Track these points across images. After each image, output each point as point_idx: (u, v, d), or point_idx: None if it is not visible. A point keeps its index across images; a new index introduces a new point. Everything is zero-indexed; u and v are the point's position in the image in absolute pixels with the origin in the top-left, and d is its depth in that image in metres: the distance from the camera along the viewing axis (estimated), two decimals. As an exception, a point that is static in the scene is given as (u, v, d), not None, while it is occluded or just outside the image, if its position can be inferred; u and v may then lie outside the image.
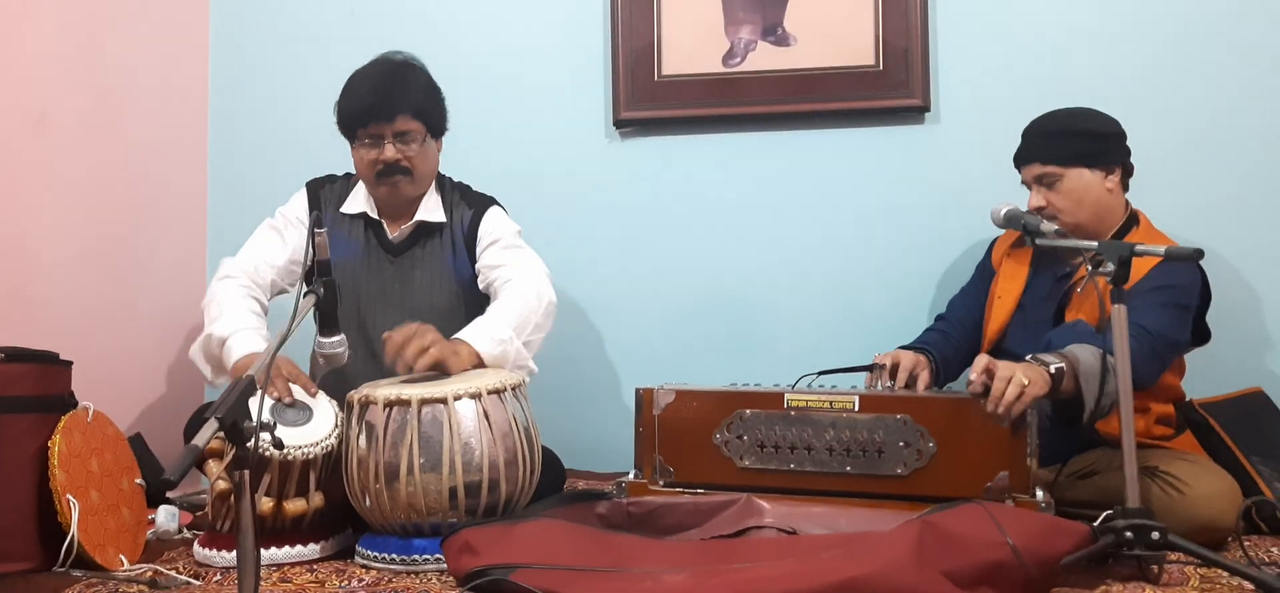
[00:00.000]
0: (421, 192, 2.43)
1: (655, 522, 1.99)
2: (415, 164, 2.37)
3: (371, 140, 2.35)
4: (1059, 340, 2.04)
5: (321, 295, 1.88)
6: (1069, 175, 2.24)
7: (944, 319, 2.53)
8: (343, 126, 2.39)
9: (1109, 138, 2.28)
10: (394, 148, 2.34)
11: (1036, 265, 2.35)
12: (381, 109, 2.32)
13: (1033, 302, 2.32)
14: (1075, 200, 2.23)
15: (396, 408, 1.96)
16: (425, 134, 2.39)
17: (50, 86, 2.56)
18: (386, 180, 2.36)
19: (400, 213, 2.45)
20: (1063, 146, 2.25)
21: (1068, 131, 2.27)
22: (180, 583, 1.83)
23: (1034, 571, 1.62)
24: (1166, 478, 2.01)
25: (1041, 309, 2.29)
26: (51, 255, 2.55)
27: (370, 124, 2.33)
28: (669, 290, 2.94)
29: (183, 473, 1.29)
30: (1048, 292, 2.30)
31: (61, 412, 2.03)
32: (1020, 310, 2.33)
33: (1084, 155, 2.24)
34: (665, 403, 2.09)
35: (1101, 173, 2.26)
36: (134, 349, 2.83)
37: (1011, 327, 2.32)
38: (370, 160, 2.35)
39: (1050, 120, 2.31)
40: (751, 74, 2.88)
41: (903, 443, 1.96)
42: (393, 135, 2.34)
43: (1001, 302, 2.35)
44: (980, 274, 2.53)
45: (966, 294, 2.55)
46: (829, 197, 2.86)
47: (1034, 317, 2.29)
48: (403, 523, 1.96)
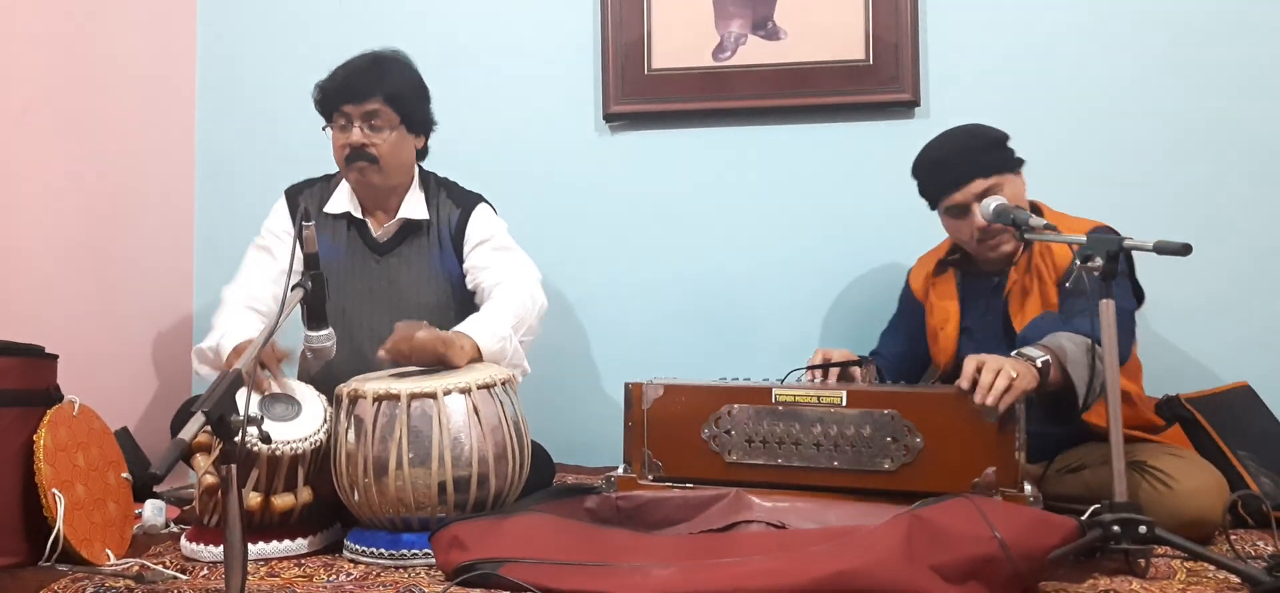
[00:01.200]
0: (391, 183, 2.40)
1: (644, 516, 1.98)
2: (383, 154, 2.33)
3: (344, 122, 2.33)
4: (1034, 335, 2.05)
5: (309, 289, 1.87)
6: (1006, 183, 2.23)
7: (877, 355, 2.53)
8: (321, 108, 2.38)
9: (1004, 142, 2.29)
10: (361, 132, 2.31)
11: (964, 286, 2.36)
12: (352, 90, 2.31)
13: (975, 321, 2.33)
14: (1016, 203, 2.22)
15: (385, 402, 1.95)
16: (398, 124, 2.35)
17: (34, 77, 2.54)
18: (354, 165, 2.34)
19: (380, 207, 2.44)
20: (998, 157, 2.25)
21: (994, 142, 2.27)
22: (167, 578, 1.82)
23: (1022, 565, 1.62)
24: (1154, 473, 2.02)
25: (986, 324, 2.30)
26: (37, 248, 2.54)
27: (342, 104, 2.32)
28: (658, 284, 2.94)
29: (169, 467, 1.28)
30: (986, 305, 2.31)
31: (47, 406, 2.02)
32: (964, 334, 2.33)
33: (1012, 162, 2.27)
34: (654, 398, 2.09)
35: (1021, 177, 2.28)
36: (120, 343, 2.81)
37: (961, 350, 2.30)
38: (340, 144, 2.34)
39: (970, 139, 2.28)
40: (741, 68, 2.88)
41: (890, 438, 1.96)
42: (361, 118, 2.32)
43: (944, 331, 2.35)
44: (905, 308, 2.53)
45: (896, 329, 2.55)
46: (819, 191, 2.87)
47: (981, 334, 2.30)
48: (391, 518, 1.95)
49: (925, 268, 2.46)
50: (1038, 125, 2.71)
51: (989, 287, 2.32)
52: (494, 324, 2.20)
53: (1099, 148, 2.71)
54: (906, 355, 2.49)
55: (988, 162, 2.25)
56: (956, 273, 2.39)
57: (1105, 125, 2.72)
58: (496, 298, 2.30)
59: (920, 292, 2.45)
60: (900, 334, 2.53)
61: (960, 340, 2.34)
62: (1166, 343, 2.66)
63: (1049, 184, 2.59)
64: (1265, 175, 2.64)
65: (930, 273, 2.43)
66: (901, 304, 2.57)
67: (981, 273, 2.34)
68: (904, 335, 2.51)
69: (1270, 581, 1.58)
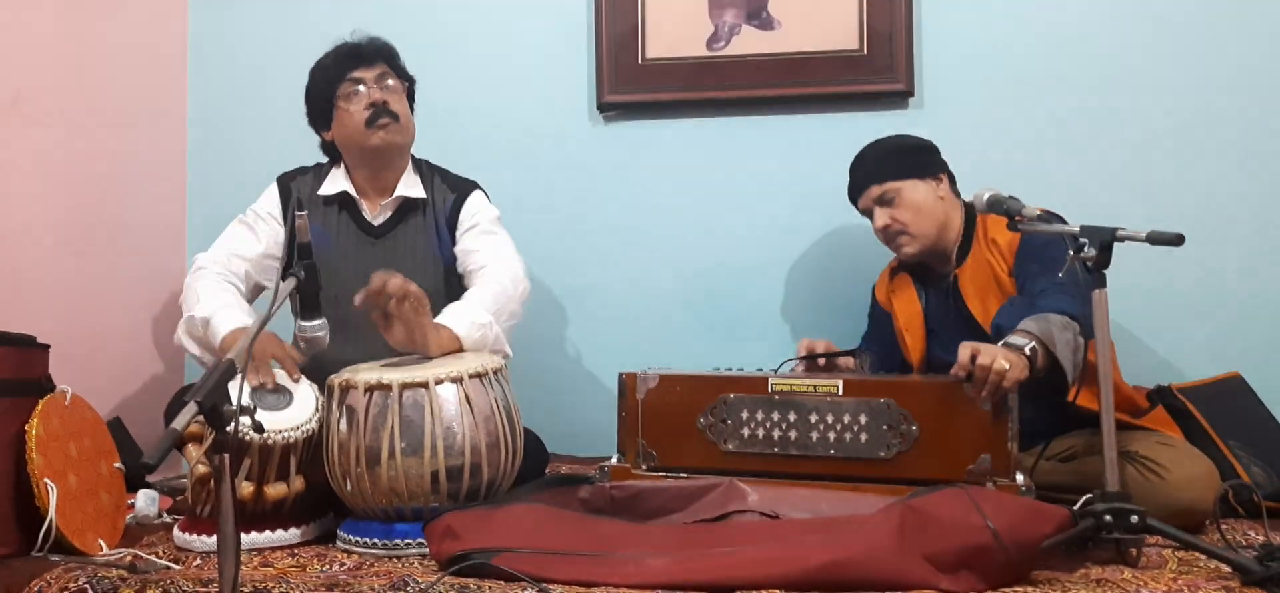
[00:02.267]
0: (404, 145, 2.42)
1: (638, 506, 1.99)
2: (401, 112, 2.38)
3: (352, 89, 2.36)
4: (1008, 321, 2.05)
5: (302, 278, 1.86)
6: (905, 188, 2.34)
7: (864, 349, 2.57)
8: (321, 92, 2.38)
9: (927, 149, 2.41)
10: (380, 90, 2.36)
11: (921, 286, 2.43)
12: (361, 55, 2.37)
13: (937, 319, 2.37)
14: (915, 210, 2.33)
15: (377, 393, 1.95)
16: (403, 90, 2.42)
17: (25, 65, 2.53)
18: (379, 124, 2.34)
19: (380, 186, 2.43)
20: (892, 163, 2.37)
21: (893, 150, 2.40)
22: (159, 568, 1.82)
23: (1014, 554, 1.62)
24: (1145, 462, 2.03)
25: (948, 321, 2.34)
26: (29, 237, 2.53)
27: (352, 70, 2.35)
28: (652, 275, 2.93)
29: (161, 457, 1.28)
30: (943, 302, 2.36)
31: (39, 395, 2.01)
32: (930, 334, 2.38)
33: (912, 167, 2.36)
34: (648, 388, 2.09)
35: (932, 181, 2.36)
36: (112, 332, 2.80)
37: (930, 351, 2.37)
38: (359, 109, 2.34)
39: (871, 148, 2.43)
40: (736, 58, 2.87)
41: (886, 427, 1.96)
42: (375, 79, 2.37)
43: (910, 333, 2.41)
44: (874, 321, 2.60)
45: (870, 340, 2.60)
46: (813, 181, 2.86)
47: (945, 332, 2.33)
48: (384, 508, 1.95)
49: (884, 277, 2.55)
50: (1032, 115, 2.71)
51: (944, 285, 2.37)
52: (474, 313, 2.20)
53: (1092, 137, 2.71)
54: (881, 363, 2.52)
55: (884, 168, 2.37)
56: (912, 276, 2.45)
57: (1099, 115, 2.71)
58: (479, 284, 2.30)
59: (884, 300, 2.52)
60: (875, 344, 2.57)
61: (928, 340, 2.38)
62: (1158, 333, 2.66)
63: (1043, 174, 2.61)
64: (1259, 166, 2.64)
65: (888, 280, 2.51)
66: (870, 321, 2.62)
67: (933, 271, 2.41)
68: (879, 344, 2.55)
69: (1261, 570, 1.59)
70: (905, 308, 2.43)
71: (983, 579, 1.61)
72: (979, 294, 2.27)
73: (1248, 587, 1.60)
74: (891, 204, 2.35)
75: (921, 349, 2.39)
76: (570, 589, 1.59)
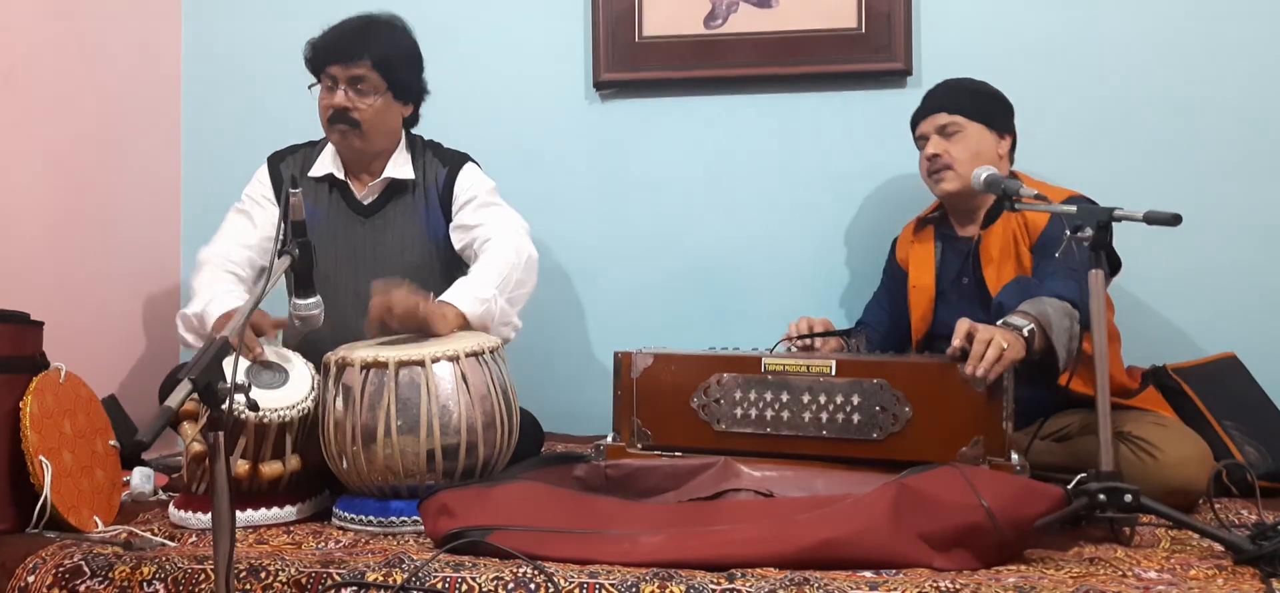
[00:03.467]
0: (374, 149, 2.38)
1: (633, 485, 1.99)
2: (366, 119, 2.31)
3: (330, 83, 2.32)
4: (1010, 301, 2.05)
5: (296, 257, 1.85)
6: (971, 129, 2.31)
7: (862, 325, 2.56)
8: (311, 71, 2.36)
9: (1007, 109, 2.38)
10: (345, 95, 2.29)
11: (941, 248, 2.41)
12: (340, 51, 2.30)
13: (949, 283, 2.36)
14: (971, 153, 2.29)
15: (373, 370, 1.95)
16: (385, 91, 2.33)
17: (18, 41, 2.51)
18: (335, 127, 2.32)
19: (365, 169, 2.42)
20: (969, 101, 2.34)
21: (975, 89, 2.36)
22: (155, 545, 1.82)
23: (1008, 533, 1.63)
24: (1139, 442, 2.03)
25: (959, 287, 2.33)
26: (22, 214, 2.52)
27: (329, 65, 2.30)
28: (648, 253, 2.93)
29: (156, 434, 1.28)
30: (959, 268, 2.34)
31: (33, 372, 2.00)
32: (939, 296, 2.37)
33: (987, 114, 2.33)
34: (643, 366, 2.09)
35: (996, 136, 2.34)
36: (107, 309, 2.80)
37: (936, 313, 2.35)
38: (324, 106, 2.33)
39: (957, 80, 2.40)
40: (733, 36, 2.86)
41: (879, 407, 1.96)
42: (347, 81, 2.30)
43: (919, 291, 2.39)
44: (889, 277, 2.57)
45: (880, 299, 2.59)
46: (811, 160, 2.86)
47: (954, 297, 2.33)
48: (380, 486, 1.95)
49: (908, 230, 2.51)
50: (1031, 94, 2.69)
51: (964, 250, 2.34)
52: (477, 288, 2.19)
53: (1091, 117, 2.71)
54: (890, 328, 2.51)
55: (960, 101, 2.33)
56: (935, 233, 2.42)
57: (1098, 95, 2.71)
58: (482, 258, 2.29)
59: (902, 256, 2.50)
60: (884, 305, 2.56)
61: (936, 304, 2.36)
62: (1154, 313, 2.67)
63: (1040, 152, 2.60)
64: (1255, 147, 2.64)
65: (911, 233, 2.48)
66: (885, 274, 2.59)
67: (958, 236, 2.38)
68: (888, 306, 2.54)
69: (1253, 549, 1.60)
70: (920, 264, 2.41)
71: (977, 558, 1.61)
72: (996, 262, 2.25)
73: (1240, 566, 1.60)
74: (950, 137, 2.31)
75: (926, 308, 2.37)
76: (565, 567, 1.60)
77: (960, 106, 2.32)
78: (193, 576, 1.65)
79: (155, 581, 1.65)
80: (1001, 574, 1.57)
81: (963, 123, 2.31)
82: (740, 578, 1.54)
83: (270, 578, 1.62)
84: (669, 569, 1.57)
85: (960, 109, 2.32)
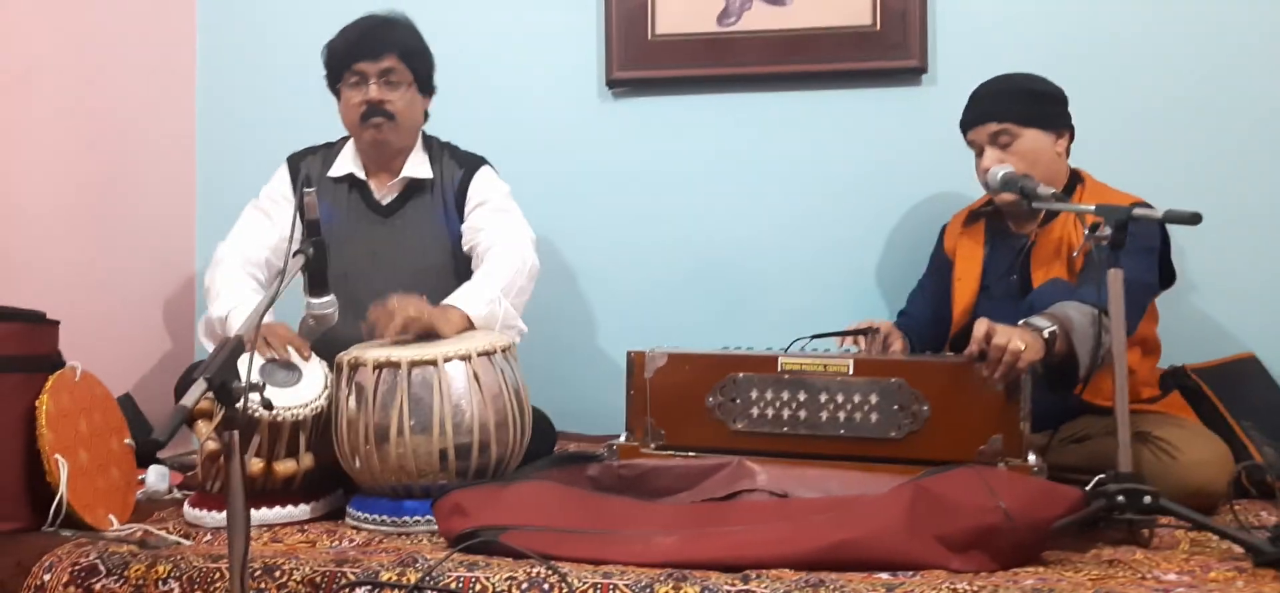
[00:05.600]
0: (405, 143, 2.41)
1: (646, 485, 1.98)
2: (399, 110, 2.35)
3: (357, 80, 2.33)
4: (1041, 301, 2.03)
5: (310, 256, 1.86)
6: (1026, 136, 2.23)
7: (905, 314, 2.53)
8: (331, 72, 2.37)
9: (1060, 102, 2.29)
10: (378, 88, 2.32)
11: (991, 241, 2.35)
12: (368, 46, 2.32)
13: (995, 278, 2.32)
14: (1030, 161, 2.22)
15: (386, 370, 1.94)
16: (412, 83, 2.38)
17: (34, 41, 2.52)
18: (370, 123, 2.33)
19: (384, 169, 2.42)
20: (1020, 106, 2.24)
21: (1024, 92, 2.27)
22: (170, 543, 1.83)
23: (1026, 535, 1.61)
24: (1158, 443, 2.01)
25: (1005, 284, 2.29)
26: (38, 213, 2.53)
27: (357, 61, 2.32)
28: (662, 253, 2.92)
29: (171, 433, 1.28)
30: (1009, 265, 2.30)
31: (49, 371, 2.01)
32: (983, 289, 2.33)
33: (1039, 117, 2.25)
34: (657, 366, 2.08)
35: (1053, 136, 2.26)
36: (122, 309, 2.81)
37: (978, 306, 2.30)
38: (355, 103, 2.33)
39: (1004, 81, 2.30)
40: (746, 34, 2.85)
41: (897, 406, 1.95)
42: (378, 74, 2.32)
43: (963, 283, 2.35)
44: (935, 266, 2.52)
45: (925, 288, 2.54)
46: (825, 159, 2.84)
47: (999, 292, 2.29)
48: (393, 485, 1.95)
49: (959, 220, 2.45)
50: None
51: (1016, 246, 2.29)
52: (483, 291, 2.19)
53: (1110, 115, 2.68)
54: (932, 317, 2.46)
55: (1011, 109, 2.24)
56: (986, 227, 2.37)
57: (1115, 91, 2.68)
58: (487, 262, 2.29)
59: (950, 245, 2.44)
60: (928, 294, 2.51)
61: (978, 297, 2.32)
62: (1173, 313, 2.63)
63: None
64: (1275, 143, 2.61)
65: (962, 223, 2.42)
66: (931, 262, 2.54)
67: (1011, 232, 2.32)
68: (932, 295, 2.48)
69: (1273, 551, 1.58)
70: (967, 256, 2.36)
71: (994, 559, 1.60)
72: (1045, 263, 2.21)
73: (1260, 568, 1.58)
74: (1006, 147, 2.23)
75: (968, 301, 2.31)
76: (579, 567, 1.59)
77: (1012, 113, 2.23)
78: (208, 574, 1.65)
79: (170, 579, 1.65)
80: (1019, 576, 1.56)
81: (1016, 130, 2.22)
82: (755, 579, 1.53)
83: (285, 577, 1.62)
84: (683, 570, 1.56)
85: (1012, 116, 2.22)
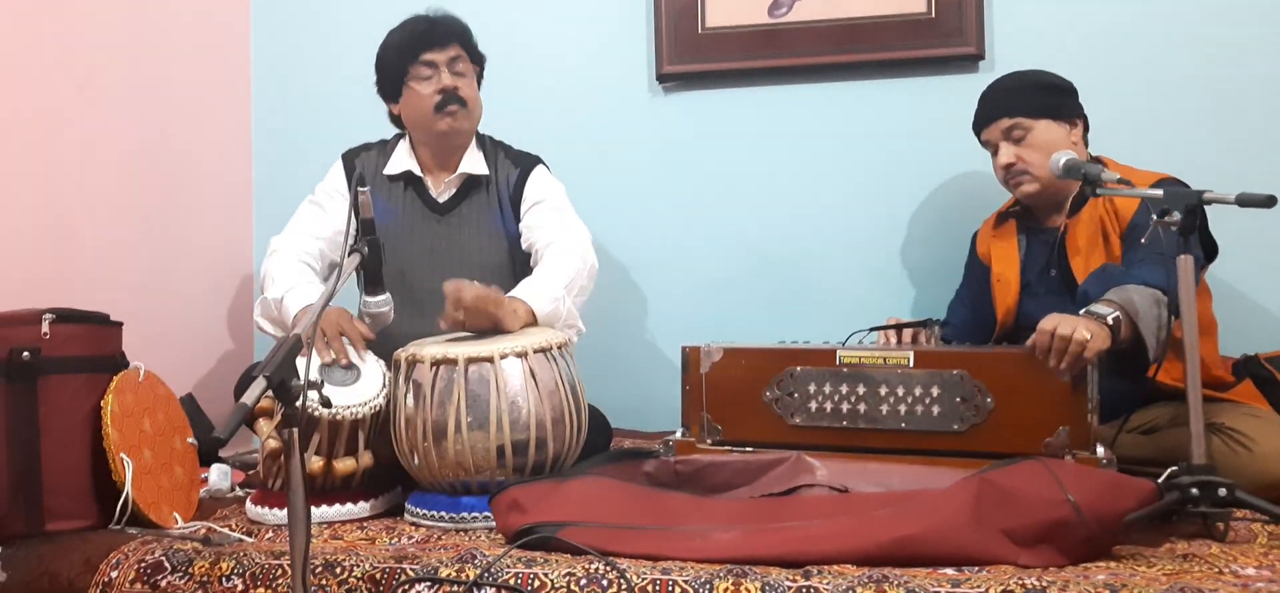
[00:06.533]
0: (473, 129, 2.44)
1: (704, 480, 1.97)
2: (469, 97, 2.38)
3: (429, 70, 2.35)
4: (1096, 288, 1.98)
5: (366, 255, 1.87)
6: (1038, 127, 2.23)
7: (946, 325, 2.50)
8: (393, 69, 2.37)
9: (1068, 92, 2.29)
10: (451, 76, 2.35)
11: (1025, 240, 2.34)
12: (436, 37, 2.35)
13: (1034, 274, 2.29)
14: (1045, 154, 2.20)
15: (443, 366, 1.95)
16: (474, 73, 2.41)
17: (93, 50, 2.57)
18: (447, 111, 2.35)
19: (445, 165, 2.43)
20: (1029, 99, 2.25)
21: (1031, 85, 2.27)
22: (233, 540, 1.85)
23: (1096, 528, 1.57)
24: (1232, 434, 1.95)
25: (1046, 279, 2.26)
26: (100, 218, 2.58)
27: (427, 51, 2.34)
28: (714, 247, 2.90)
29: (232, 432, 1.29)
30: (1045, 259, 2.27)
31: (113, 372, 2.05)
32: (1025, 288, 2.30)
33: (1050, 108, 2.24)
34: (713, 361, 2.06)
35: (1067, 126, 2.25)
36: (183, 309, 2.86)
37: (1021, 306, 2.29)
38: (429, 92, 2.34)
39: (1010, 79, 2.32)
40: (798, 25, 2.82)
41: (959, 399, 1.91)
42: (447, 63, 2.35)
43: (1003, 284, 2.32)
44: (971, 272, 2.50)
45: (963, 297, 2.53)
46: (880, 150, 2.80)
47: (1040, 288, 2.26)
48: (451, 482, 1.96)
49: (988, 225, 2.45)
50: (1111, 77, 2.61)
51: (1050, 240, 2.27)
52: (547, 287, 2.19)
53: (1175, 99, 2.61)
54: (973, 323, 2.45)
55: (1021, 103, 2.25)
56: (1017, 225, 2.36)
57: (1182, 75, 2.61)
58: (548, 260, 2.29)
59: (984, 250, 2.43)
60: (966, 302, 2.51)
61: (1021, 295, 2.29)
62: (1246, 300, 2.56)
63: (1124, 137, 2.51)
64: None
65: (992, 227, 2.42)
66: (966, 271, 2.54)
67: (1042, 227, 2.31)
68: (970, 302, 2.49)
69: (1360, 545, 1.52)
70: (1003, 257, 2.35)
71: (1063, 554, 1.56)
72: (1084, 252, 2.18)
73: (1344, 563, 1.53)
74: (1019, 142, 2.25)
75: (1011, 303, 2.30)
76: (637, 563, 1.58)
77: (1021, 107, 2.25)
78: (270, 571, 1.67)
79: (233, 576, 1.67)
80: (1090, 571, 1.52)
81: (1028, 123, 2.24)
82: (816, 575, 1.51)
83: (345, 574, 1.63)
84: (743, 566, 1.54)
85: (1021, 110, 2.24)
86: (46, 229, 2.43)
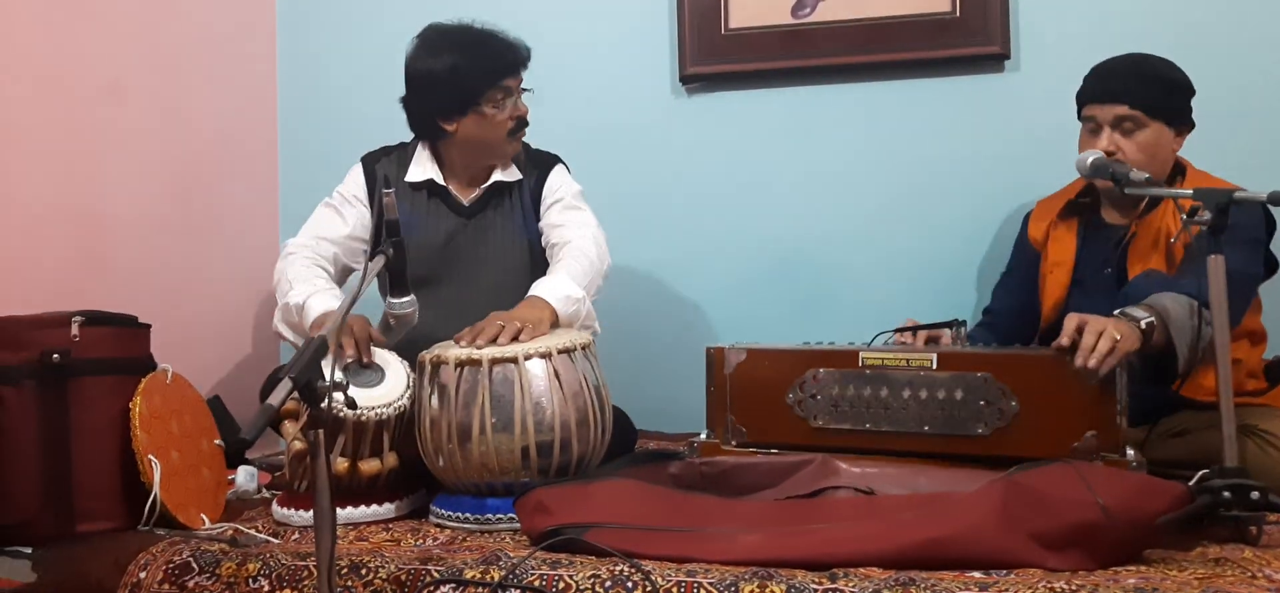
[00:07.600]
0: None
1: (729, 482, 1.96)
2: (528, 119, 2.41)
3: (503, 94, 2.34)
4: (1137, 292, 1.96)
5: (391, 257, 1.87)
6: (1151, 128, 2.14)
7: (991, 312, 2.46)
8: (467, 91, 2.32)
9: (1190, 94, 2.19)
10: (522, 101, 2.37)
11: (1085, 233, 2.27)
12: (516, 61, 2.35)
13: (1090, 270, 2.23)
14: (1149, 155, 2.13)
15: (468, 368, 1.95)
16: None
17: (122, 52, 2.60)
18: (516, 137, 2.38)
19: (476, 176, 2.44)
20: (1154, 95, 2.14)
21: (1161, 80, 2.16)
22: (259, 541, 1.86)
23: (1126, 531, 1.55)
24: (1264, 436, 1.93)
25: (1100, 277, 2.20)
26: (128, 221, 2.60)
27: (507, 77, 2.34)
28: (738, 248, 2.89)
29: (258, 433, 1.29)
30: (1104, 257, 2.21)
31: (141, 374, 2.07)
32: (1076, 283, 2.24)
33: (1169, 110, 2.15)
34: (736, 363, 2.06)
35: (1175, 132, 2.17)
36: (210, 312, 2.88)
37: (1069, 300, 2.22)
38: (504, 118, 2.34)
39: (1145, 65, 2.18)
40: (821, 25, 2.81)
41: (984, 402, 1.89)
42: (519, 87, 2.37)
43: (1055, 275, 2.26)
44: (1020, 256, 2.43)
45: (1008, 284, 2.46)
46: (904, 151, 2.78)
47: (1093, 285, 2.20)
48: (476, 483, 1.96)
49: (1049, 211, 2.35)
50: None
51: (1113, 239, 2.22)
52: (568, 287, 2.19)
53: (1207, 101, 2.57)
54: (1018, 309, 2.38)
55: (1147, 96, 2.13)
56: (1081, 221, 2.28)
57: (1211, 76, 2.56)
58: (566, 259, 2.28)
59: (1038, 236, 2.35)
60: (1012, 287, 2.43)
61: (1070, 290, 2.24)
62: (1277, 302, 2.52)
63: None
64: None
65: (1055, 216, 2.32)
66: (1015, 254, 2.46)
67: (1107, 223, 2.25)
68: (1016, 288, 2.41)
69: (1397, 550, 1.49)
70: (1059, 248, 2.28)
71: (1092, 558, 1.54)
72: (1144, 256, 2.14)
73: (1381, 568, 1.50)
74: (1128, 134, 2.13)
75: (1060, 295, 2.23)
76: (662, 565, 1.57)
77: (1145, 101, 2.12)
78: (296, 572, 1.67)
79: (260, 577, 1.68)
80: (1120, 575, 1.50)
81: (1144, 120, 2.12)
82: (842, 578, 1.50)
83: (371, 575, 1.63)
84: (769, 569, 1.54)
85: (1144, 105, 2.12)
86: (76, 233, 2.46)
